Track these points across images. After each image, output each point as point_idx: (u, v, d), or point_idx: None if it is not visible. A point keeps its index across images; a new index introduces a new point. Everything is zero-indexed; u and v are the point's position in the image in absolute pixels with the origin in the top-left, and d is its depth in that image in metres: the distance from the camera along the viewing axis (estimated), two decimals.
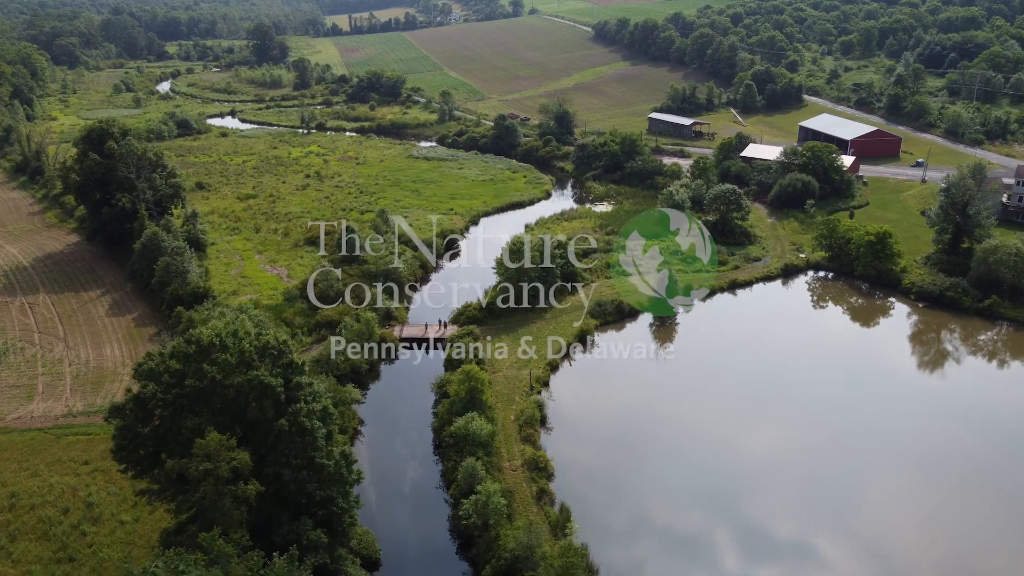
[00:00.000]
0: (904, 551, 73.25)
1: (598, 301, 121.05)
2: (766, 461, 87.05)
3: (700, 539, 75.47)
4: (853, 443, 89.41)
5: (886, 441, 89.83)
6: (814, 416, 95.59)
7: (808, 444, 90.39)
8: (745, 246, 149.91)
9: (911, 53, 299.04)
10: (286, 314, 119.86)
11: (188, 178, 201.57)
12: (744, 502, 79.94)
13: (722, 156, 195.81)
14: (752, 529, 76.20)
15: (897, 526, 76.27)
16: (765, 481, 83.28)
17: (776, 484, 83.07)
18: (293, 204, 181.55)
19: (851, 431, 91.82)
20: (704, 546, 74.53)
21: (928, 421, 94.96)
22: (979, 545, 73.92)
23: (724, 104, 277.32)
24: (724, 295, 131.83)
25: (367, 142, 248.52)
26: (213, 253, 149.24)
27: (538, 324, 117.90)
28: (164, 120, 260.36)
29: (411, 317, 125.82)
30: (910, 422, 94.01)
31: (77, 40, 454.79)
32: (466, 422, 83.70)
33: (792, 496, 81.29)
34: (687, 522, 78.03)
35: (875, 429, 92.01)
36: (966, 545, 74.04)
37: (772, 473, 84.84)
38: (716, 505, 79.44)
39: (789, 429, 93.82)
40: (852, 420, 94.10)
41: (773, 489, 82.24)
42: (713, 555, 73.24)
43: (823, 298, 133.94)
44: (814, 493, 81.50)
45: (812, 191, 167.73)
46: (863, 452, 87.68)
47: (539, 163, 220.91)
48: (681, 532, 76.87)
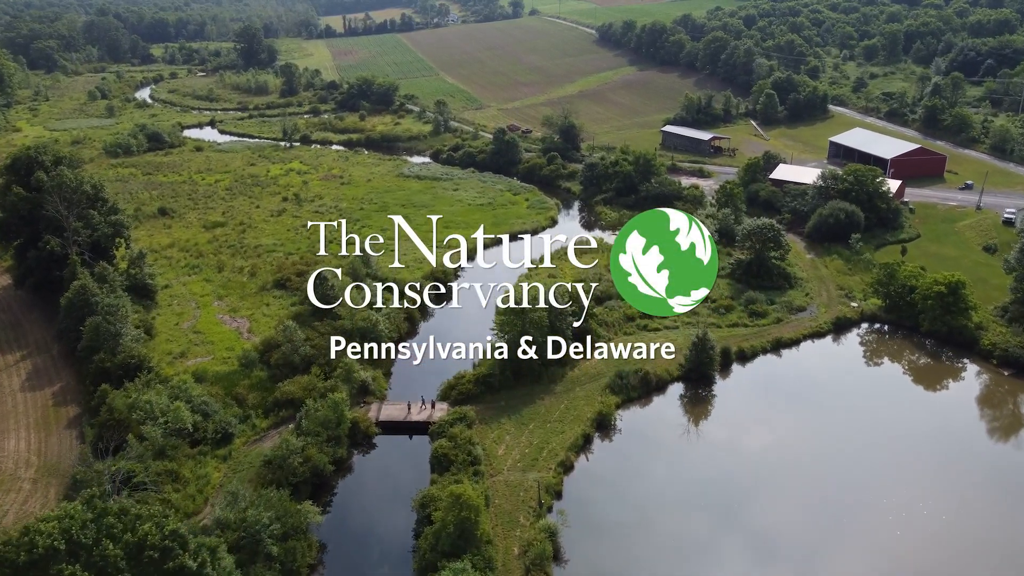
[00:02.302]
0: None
1: (619, 372, 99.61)
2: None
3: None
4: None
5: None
6: (905, 540, 74.39)
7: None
8: (785, 291, 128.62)
9: (943, 59, 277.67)
10: (239, 388, 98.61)
11: (150, 202, 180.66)
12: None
13: (748, 178, 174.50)
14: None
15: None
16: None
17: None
18: (265, 234, 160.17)
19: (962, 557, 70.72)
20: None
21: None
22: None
23: (742, 115, 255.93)
24: (768, 358, 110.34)
25: (354, 158, 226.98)
26: (165, 299, 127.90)
27: (546, 401, 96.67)
28: (133, 133, 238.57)
29: (392, 387, 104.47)
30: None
31: (56, 43, 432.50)
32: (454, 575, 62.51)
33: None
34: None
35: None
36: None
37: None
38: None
39: (876, 554, 72.59)
40: (958, 540, 72.97)
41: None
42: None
43: (884, 360, 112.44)
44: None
45: (857, 222, 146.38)
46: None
47: (543, 183, 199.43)
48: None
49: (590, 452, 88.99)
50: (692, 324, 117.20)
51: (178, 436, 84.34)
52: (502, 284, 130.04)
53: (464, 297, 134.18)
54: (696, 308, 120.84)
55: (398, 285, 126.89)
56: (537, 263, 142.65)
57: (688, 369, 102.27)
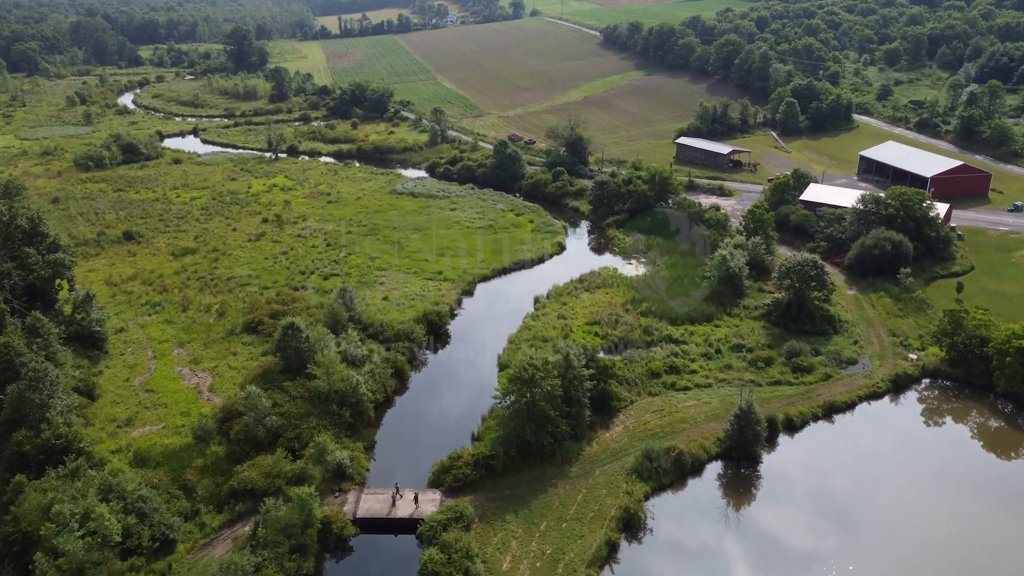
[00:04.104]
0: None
1: (647, 452, 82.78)
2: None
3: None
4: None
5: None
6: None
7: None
8: (830, 337, 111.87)
9: (972, 65, 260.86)
10: (189, 471, 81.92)
11: (117, 224, 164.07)
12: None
13: (776, 199, 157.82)
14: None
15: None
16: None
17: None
18: (240, 263, 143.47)
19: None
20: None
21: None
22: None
23: (760, 124, 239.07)
24: (819, 426, 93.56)
25: (344, 171, 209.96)
26: (118, 346, 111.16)
27: (560, 490, 79.98)
28: (107, 144, 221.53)
29: (375, 465, 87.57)
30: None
31: (38, 45, 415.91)
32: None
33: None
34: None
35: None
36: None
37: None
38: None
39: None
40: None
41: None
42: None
43: (953, 426, 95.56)
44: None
45: (905, 254, 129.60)
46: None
47: (548, 201, 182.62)
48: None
49: (616, 562, 72.17)
50: (727, 381, 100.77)
51: (104, 547, 67.58)
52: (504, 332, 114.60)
53: (462, 340, 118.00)
54: (730, 360, 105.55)
55: (384, 332, 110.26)
56: (544, 301, 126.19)
57: (729, 447, 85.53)
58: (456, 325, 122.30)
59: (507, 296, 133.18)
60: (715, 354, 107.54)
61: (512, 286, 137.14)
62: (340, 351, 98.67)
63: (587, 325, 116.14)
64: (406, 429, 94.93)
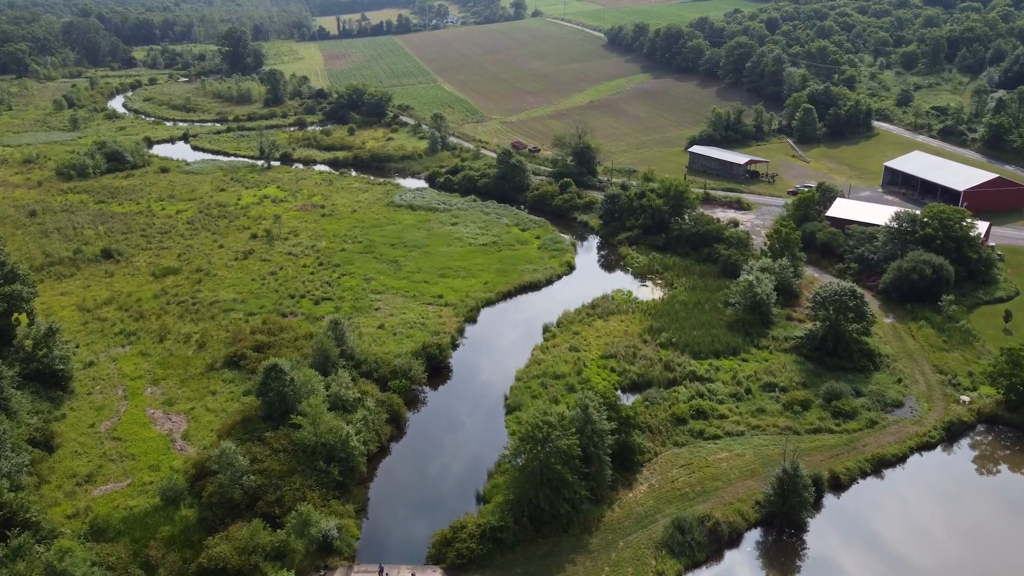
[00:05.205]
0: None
1: (677, 522, 72.15)
2: None
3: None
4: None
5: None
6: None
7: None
8: (870, 374, 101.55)
9: (995, 69, 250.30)
10: (153, 545, 71.30)
11: (95, 241, 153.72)
12: None
13: (801, 215, 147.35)
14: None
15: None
16: None
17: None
18: (225, 285, 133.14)
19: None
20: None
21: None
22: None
23: (775, 131, 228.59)
24: (867, 482, 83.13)
25: (339, 181, 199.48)
26: (85, 384, 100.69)
27: (580, 566, 69.56)
28: (91, 152, 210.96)
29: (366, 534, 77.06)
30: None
31: (28, 46, 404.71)
32: None
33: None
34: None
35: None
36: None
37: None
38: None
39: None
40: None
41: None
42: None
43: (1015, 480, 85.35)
44: None
45: (946, 279, 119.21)
46: None
47: (555, 215, 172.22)
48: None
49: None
50: (760, 428, 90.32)
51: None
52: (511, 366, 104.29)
53: (465, 377, 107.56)
54: (762, 401, 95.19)
55: (380, 369, 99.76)
56: (554, 330, 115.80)
57: (771, 512, 75.06)
58: (459, 357, 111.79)
59: (514, 323, 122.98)
60: (745, 394, 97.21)
61: (519, 312, 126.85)
62: (329, 394, 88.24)
63: (602, 359, 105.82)
64: (403, 486, 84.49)
